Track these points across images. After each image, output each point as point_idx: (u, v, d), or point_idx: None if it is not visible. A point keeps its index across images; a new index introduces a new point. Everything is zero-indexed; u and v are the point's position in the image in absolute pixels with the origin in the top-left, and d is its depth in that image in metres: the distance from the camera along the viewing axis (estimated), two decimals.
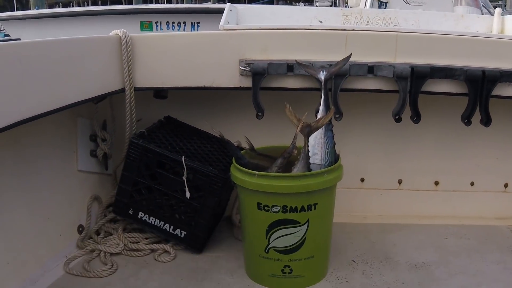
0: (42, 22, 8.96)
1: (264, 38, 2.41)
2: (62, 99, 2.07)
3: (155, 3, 26.21)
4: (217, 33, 2.52)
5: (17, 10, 23.93)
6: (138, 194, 2.40)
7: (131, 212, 2.42)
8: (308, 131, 2.01)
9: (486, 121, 2.34)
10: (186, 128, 2.68)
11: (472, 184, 2.73)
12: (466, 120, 2.35)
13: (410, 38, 2.37)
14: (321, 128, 2.08)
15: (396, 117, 2.35)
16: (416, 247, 2.45)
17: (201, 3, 21.17)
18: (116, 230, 2.49)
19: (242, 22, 3.69)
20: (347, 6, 9.69)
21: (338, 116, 2.37)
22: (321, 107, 2.20)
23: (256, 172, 1.99)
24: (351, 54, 2.25)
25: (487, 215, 2.70)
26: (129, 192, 2.40)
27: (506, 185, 2.77)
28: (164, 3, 24.36)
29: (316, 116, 2.29)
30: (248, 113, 2.45)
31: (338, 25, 3.65)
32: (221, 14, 3.33)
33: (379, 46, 2.37)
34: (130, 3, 26.92)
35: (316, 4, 16.34)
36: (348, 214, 2.71)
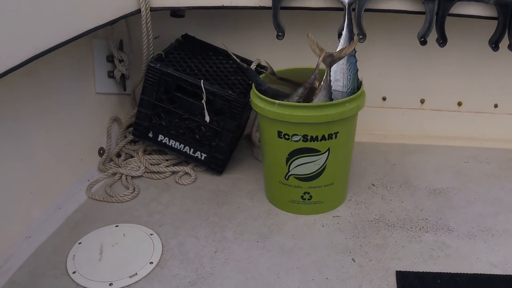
0: None
1: None
2: (77, 27, 2.00)
3: None
4: None
5: None
6: (158, 118, 2.39)
7: (150, 135, 2.42)
8: (330, 61, 1.93)
9: None
10: (204, 46, 2.60)
11: (495, 106, 2.66)
12: (493, 45, 2.24)
13: None
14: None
15: (422, 39, 2.25)
16: (436, 170, 2.45)
17: None
18: (137, 152, 2.51)
19: None
20: None
21: (361, 37, 2.28)
22: (344, 32, 2.11)
23: (276, 101, 1.95)
24: None
25: (509, 138, 2.65)
26: (148, 115, 2.38)
27: None
28: None
29: (338, 39, 2.21)
30: (269, 32, 2.35)
31: None
32: None
33: None
34: None
35: None
36: (368, 132, 2.69)
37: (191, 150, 2.40)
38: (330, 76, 1.95)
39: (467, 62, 2.59)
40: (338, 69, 2.07)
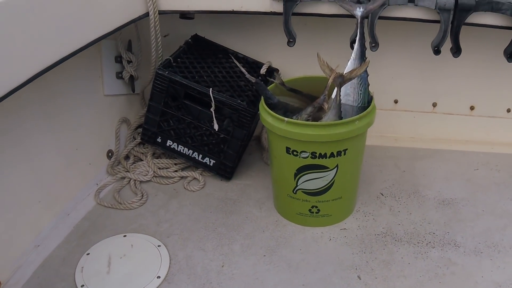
0: None
1: None
2: (86, 37, 1.99)
3: None
4: None
5: None
6: (166, 124, 2.38)
7: (159, 140, 2.42)
8: (340, 81, 1.90)
9: None
10: (214, 48, 2.57)
11: (508, 110, 2.62)
12: (508, 56, 2.19)
13: None
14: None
15: (436, 49, 2.20)
16: (446, 178, 2.43)
17: None
18: (145, 155, 2.51)
19: None
20: None
21: (373, 45, 2.23)
22: (355, 46, 2.07)
23: (285, 118, 1.93)
24: None
25: None
26: (156, 121, 2.37)
27: None
28: None
29: (351, 47, 2.17)
30: (280, 36, 2.31)
31: None
32: None
33: None
34: None
35: None
36: (379, 135, 2.67)
37: (200, 156, 2.40)
38: (340, 95, 1.92)
39: (480, 66, 2.54)
40: (349, 83, 2.03)
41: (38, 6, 1.74)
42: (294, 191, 2.10)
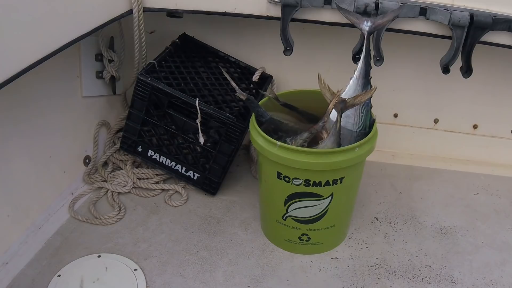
0: None
1: None
2: (65, 37, 1.80)
3: None
4: None
5: None
6: (148, 133, 2.19)
7: (140, 149, 2.24)
8: (342, 107, 1.72)
9: None
10: (204, 50, 2.38)
11: None
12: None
13: None
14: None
15: (445, 67, 2.04)
16: (444, 203, 2.29)
17: None
18: (125, 163, 2.33)
19: None
20: None
21: (378, 59, 2.06)
22: (360, 64, 1.88)
23: (278, 142, 1.75)
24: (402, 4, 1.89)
25: None
26: (137, 130, 2.19)
27: None
28: None
29: (353, 61, 2.00)
30: (275, 42, 2.12)
31: None
32: None
33: None
34: None
35: None
36: (376, 150, 2.49)
37: (183, 168, 2.23)
38: (340, 122, 1.74)
39: (487, 83, 2.38)
40: None
41: (11, 4, 1.54)
42: (284, 218, 1.94)
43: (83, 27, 1.90)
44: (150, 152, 2.23)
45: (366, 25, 1.88)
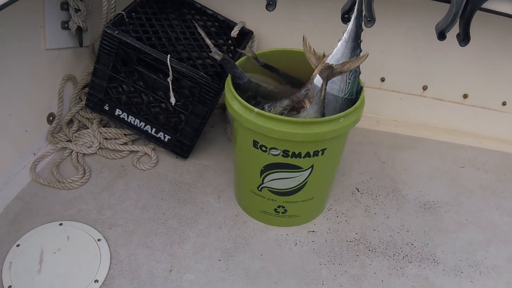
0: None
1: None
2: None
3: None
4: None
5: None
6: (115, 91, 2.02)
7: (106, 108, 2.07)
8: (328, 74, 1.55)
9: None
10: (178, 1, 2.18)
11: (504, 103, 2.33)
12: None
13: None
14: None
15: (440, 33, 1.88)
16: (429, 176, 2.18)
17: None
18: (91, 121, 2.16)
19: None
20: None
21: (369, 20, 1.89)
22: (350, 26, 1.71)
23: (255, 109, 1.59)
24: None
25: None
26: (104, 87, 2.01)
27: None
28: None
29: (342, 21, 1.82)
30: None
31: None
32: None
33: None
34: None
35: None
36: None
37: (153, 130, 2.07)
38: (325, 90, 1.58)
39: (481, 53, 2.22)
40: None
41: None
42: (259, 189, 1.80)
43: None
44: (118, 111, 2.06)
45: None
